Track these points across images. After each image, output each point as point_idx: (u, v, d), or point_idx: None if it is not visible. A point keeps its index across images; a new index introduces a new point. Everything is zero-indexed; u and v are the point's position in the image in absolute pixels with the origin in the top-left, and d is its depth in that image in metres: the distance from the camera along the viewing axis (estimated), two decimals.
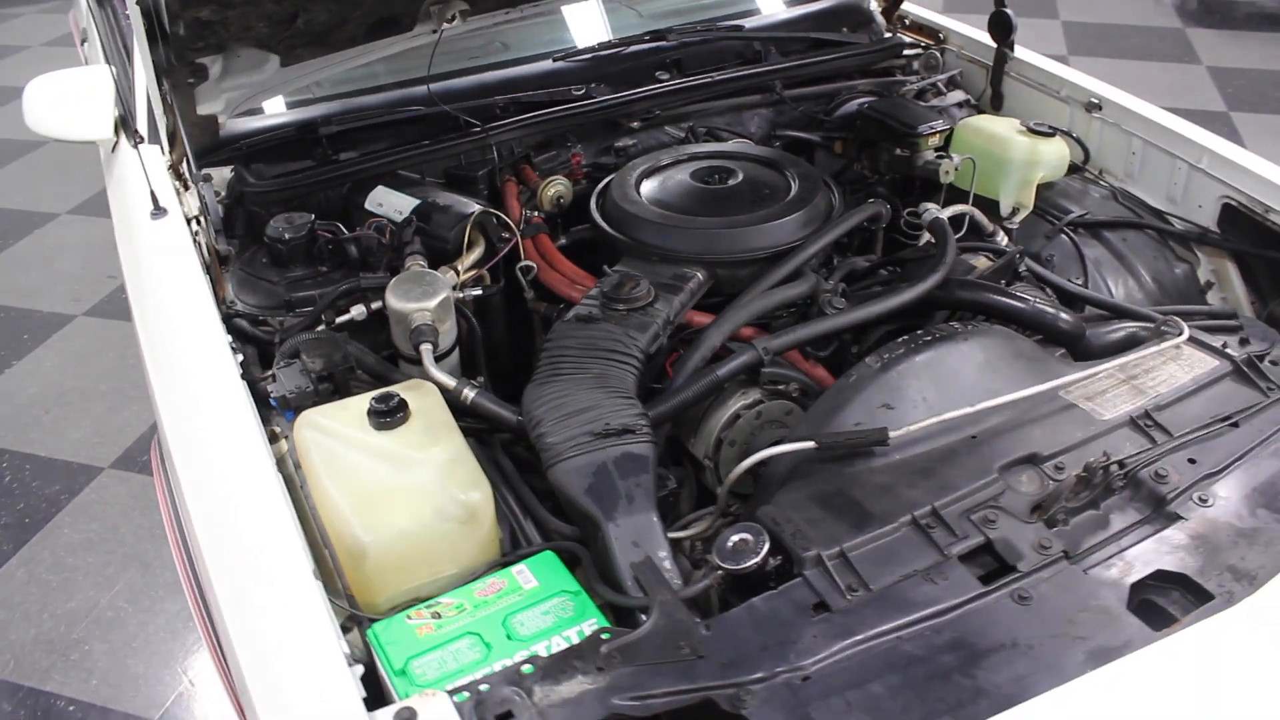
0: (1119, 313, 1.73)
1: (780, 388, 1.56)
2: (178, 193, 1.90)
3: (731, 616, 1.13)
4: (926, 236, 1.93)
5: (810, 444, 1.32)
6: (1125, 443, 1.35)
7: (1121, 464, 1.29)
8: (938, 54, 2.53)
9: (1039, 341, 1.60)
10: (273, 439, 1.54)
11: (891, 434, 1.30)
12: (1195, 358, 1.50)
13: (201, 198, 1.67)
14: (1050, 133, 2.11)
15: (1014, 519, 1.23)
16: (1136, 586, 1.18)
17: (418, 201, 1.85)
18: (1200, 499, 1.27)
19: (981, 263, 1.77)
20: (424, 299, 1.60)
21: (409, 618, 1.24)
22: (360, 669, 1.08)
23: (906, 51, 2.52)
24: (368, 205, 1.89)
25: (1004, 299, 1.63)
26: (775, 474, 1.39)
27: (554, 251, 1.85)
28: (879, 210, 1.88)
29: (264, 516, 1.19)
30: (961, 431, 1.35)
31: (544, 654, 1.13)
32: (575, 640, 1.15)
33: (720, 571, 1.18)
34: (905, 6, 2.62)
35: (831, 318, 1.60)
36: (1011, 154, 2.09)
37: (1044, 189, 2.15)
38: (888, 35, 2.56)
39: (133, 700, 2.31)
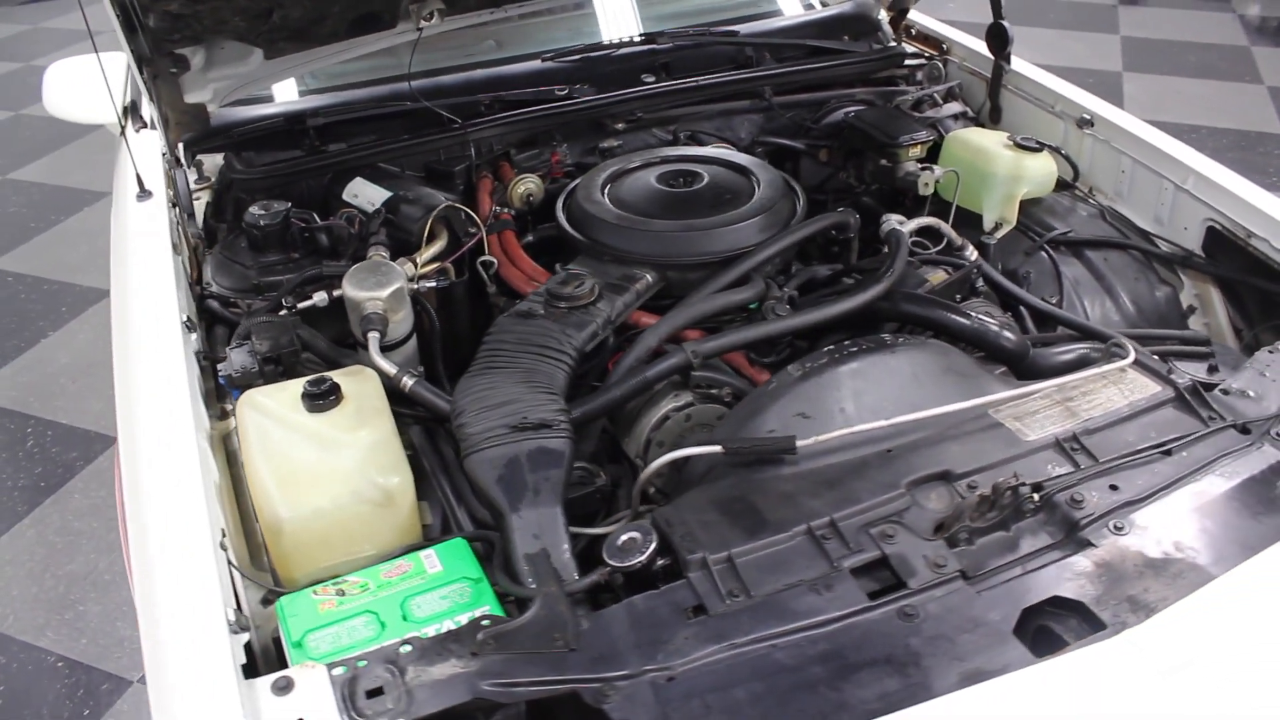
0: (1076, 329, 1.70)
1: (713, 392, 1.57)
2: (172, 178, 1.98)
3: (610, 613, 1.15)
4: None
5: (717, 448, 1.32)
6: (1046, 465, 1.33)
7: (1039, 486, 1.27)
8: (940, 65, 2.50)
9: (981, 359, 1.58)
10: (223, 416, 1.61)
11: (800, 443, 1.30)
12: (1138, 383, 1.47)
13: (174, 183, 1.74)
14: (1037, 148, 2.07)
15: (914, 535, 1.22)
16: (1032, 611, 1.16)
17: (389, 194, 1.90)
18: (1115, 527, 1.24)
19: (938, 277, 1.75)
20: (377, 289, 1.65)
21: (315, 593, 1.28)
22: (245, 637, 1.12)
23: (909, 61, 2.49)
24: (344, 196, 1.95)
25: (946, 314, 1.61)
26: (692, 476, 1.40)
27: (516, 248, 1.88)
28: (844, 219, 1.87)
29: (174, 487, 1.24)
30: (877, 445, 1.34)
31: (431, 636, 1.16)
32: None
33: (607, 568, 1.19)
34: (912, 16, 2.59)
35: (763, 324, 1.60)
36: (995, 168, 2.06)
37: (1030, 205, 2.11)
38: (891, 44, 2.53)
39: (117, 661, 2.41)
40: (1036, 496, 1.26)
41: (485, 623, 1.15)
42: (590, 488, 1.49)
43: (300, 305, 1.72)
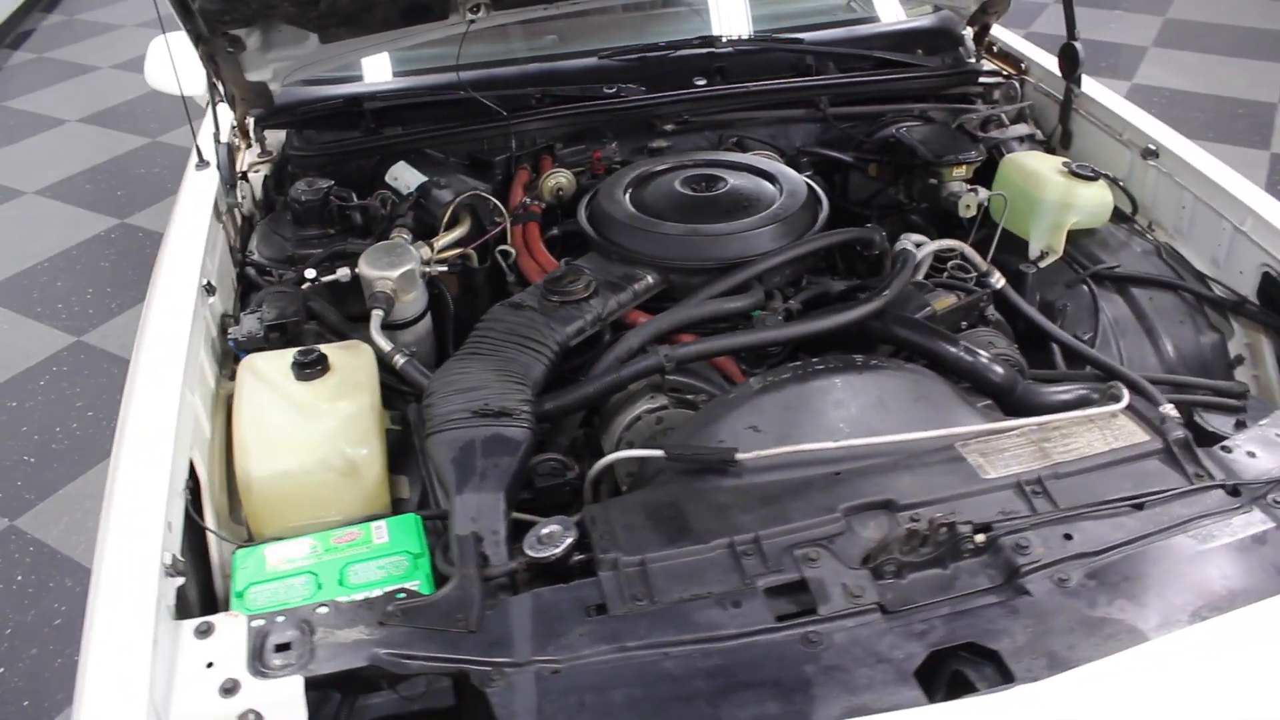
0: (1099, 366, 1.62)
1: (688, 397, 1.57)
2: (236, 150, 2.13)
3: (517, 601, 1.18)
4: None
5: (659, 453, 1.33)
6: (1000, 506, 1.27)
7: (988, 527, 1.22)
8: (1017, 85, 2.39)
9: (968, 390, 1.51)
10: (233, 377, 1.72)
11: (740, 456, 1.29)
12: (1126, 430, 1.38)
13: (218, 156, 1.87)
14: (1093, 176, 1.96)
15: (838, 562, 1.19)
16: (948, 655, 1.12)
17: (425, 179, 1.98)
18: (1059, 579, 1.18)
19: (945, 301, 1.68)
20: (389, 269, 1.73)
21: (267, 549, 1.36)
22: (180, 580, 1.21)
23: (985, 79, 2.40)
24: (386, 178, 2.04)
25: (931, 341, 1.55)
26: (644, 478, 1.41)
27: (536, 240, 1.92)
28: (868, 236, 1.83)
29: (146, 435, 1.34)
30: (829, 466, 1.32)
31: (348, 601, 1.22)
32: None
33: (525, 558, 1.22)
34: (994, 32, 2.48)
35: (742, 333, 1.59)
36: (1045, 194, 1.97)
37: (1082, 236, 2.00)
38: (969, 61, 2.44)
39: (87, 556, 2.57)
40: (979, 537, 1.21)
41: (400, 595, 1.20)
42: (561, 479, 1.52)
43: (325, 279, 1.82)
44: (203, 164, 1.98)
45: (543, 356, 1.55)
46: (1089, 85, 2.21)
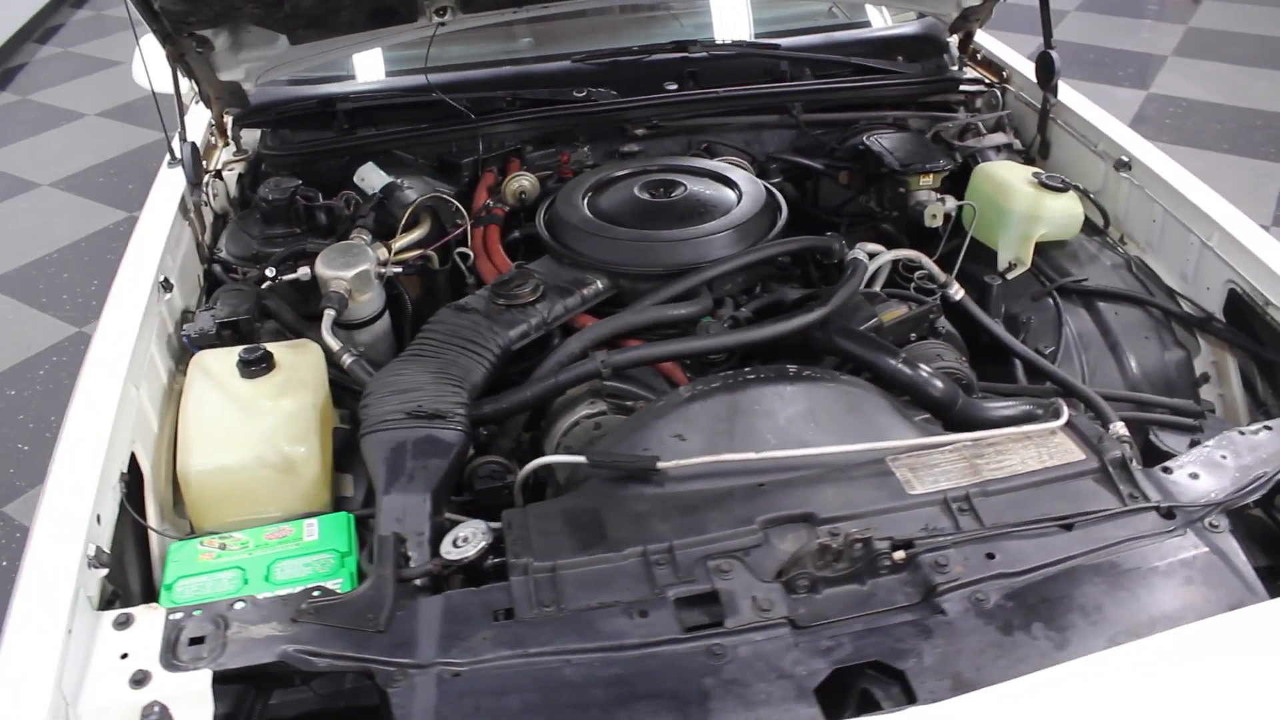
0: (1042, 373, 1.60)
1: (627, 404, 1.56)
2: (214, 148, 2.16)
3: (428, 602, 1.18)
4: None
5: (581, 459, 1.32)
6: (923, 522, 1.25)
7: (909, 544, 1.21)
8: (998, 93, 2.37)
9: (908, 403, 1.50)
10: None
11: (662, 465, 1.29)
12: (1064, 448, 1.36)
13: (182, 154, 1.88)
14: (1062, 188, 1.93)
15: (751, 574, 1.18)
16: (856, 673, 1.11)
17: (390, 180, 1.99)
18: (977, 599, 1.16)
19: (895, 312, 1.66)
20: (344, 269, 1.74)
21: (201, 543, 1.38)
22: (103, 571, 1.23)
23: (966, 87, 2.37)
24: (354, 179, 2.06)
25: (870, 353, 1.54)
26: (573, 482, 1.41)
27: (495, 243, 1.93)
28: (827, 244, 1.81)
29: (85, 426, 1.36)
30: (751, 477, 1.31)
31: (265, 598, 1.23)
32: None
33: (440, 560, 1.22)
34: (979, 40, 2.45)
35: (679, 341, 1.58)
36: (1013, 205, 1.94)
37: (1052, 248, 1.98)
38: (952, 69, 2.41)
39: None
40: (898, 554, 1.20)
41: (316, 593, 1.21)
42: (500, 483, 1.52)
43: (285, 277, 1.83)
44: (175, 161, 2.01)
45: (484, 360, 1.55)
46: (1067, 95, 2.18)
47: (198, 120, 2.21)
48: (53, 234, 4.32)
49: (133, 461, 1.44)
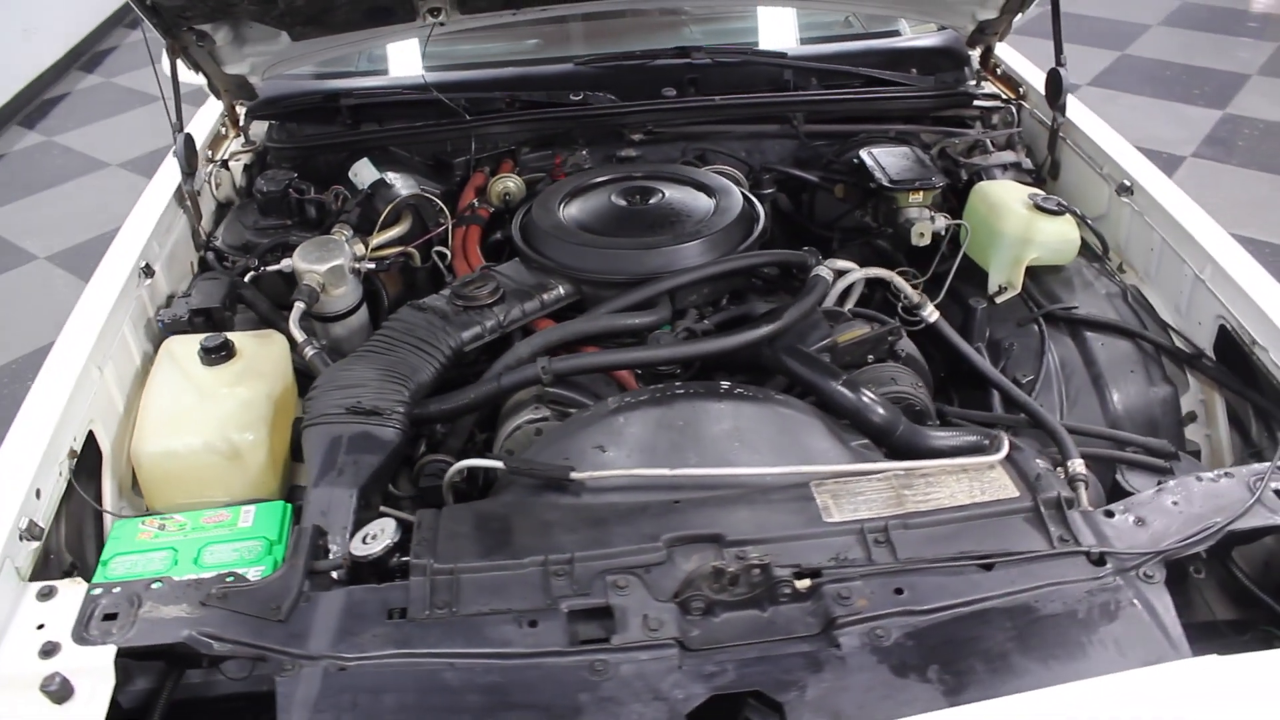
0: (1015, 403, 1.55)
1: (570, 411, 1.56)
2: (223, 138, 2.23)
3: (330, 596, 1.20)
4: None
5: (499, 464, 1.33)
6: (835, 551, 1.22)
7: (815, 573, 1.18)
8: (1014, 110, 2.29)
9: (847, 427, 1.46)
10: None
11: (575, 475, 1.28)
12: (999, 483, 1.31)
13: (177, 147, 1.94)
14: (1058, 211, 1.86)
15: (648, 592, 1.17)
16: (739, 701, 1.09)
17: (379, 177, 2.03)
18: (877, 634, 1.13)
19: (853, 333, 1.62)
20: (317, 263, 1.78)
21: (143, 523, 1.43)
22: (35, 545, 1.28)
23: (980, 103, 2.30)
24: (349, 174, 2.10)
25: (813, 375, 1.50)
26: (501, 486, 1.42)
27: (473, 244, 1.94)
28: (799, 259, 1.78)
29: (40, 403, 1.42)
30: (667, 493, 1.29)
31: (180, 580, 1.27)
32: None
33: (347, 555, 1.24)
34: (999, 53, 2.38)
35: (614, 352, 1.58)
36: (1005, 227, 1.88)
37: (1046, 272, 1.90)
38: (969, 84, 2.34)
39: None
40: (803, 583, 1.17)
41: (230, 579, 1.24)
42: (443, 481, 1.54)
43: (269, 269, 1.88)
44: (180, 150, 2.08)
45: (434, 360, 1.57)
46: (1079, 113, 2.09)
47: (212, 111, 2.29)
48: (113, 211, 4.50)
49: (92, 440, 1.50)
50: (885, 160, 2.01)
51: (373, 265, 1.84)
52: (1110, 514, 1.28)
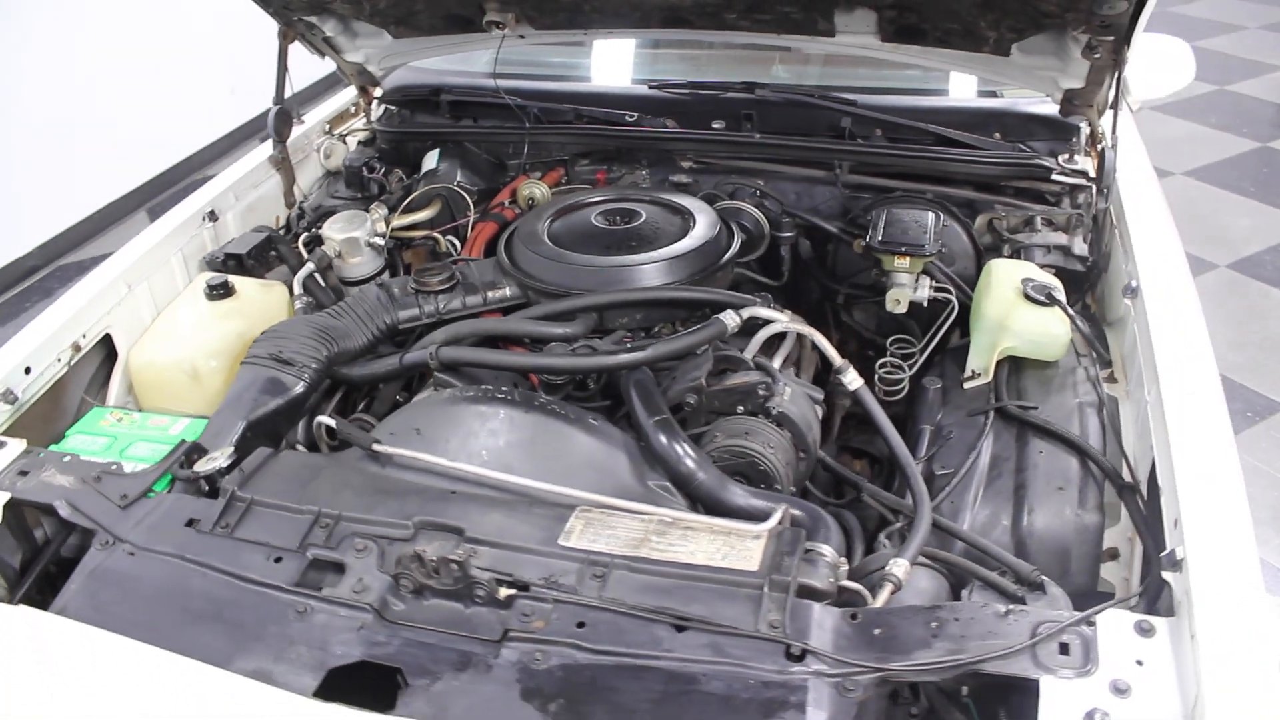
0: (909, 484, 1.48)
1: None
2: (350, 115, 2.61)
3: (163, 498, 1.43)
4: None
5: (331, 422, 1.50)
6: (552, 572, 1.26)
7: (520, 585, 1.24)
8: (1093, 191, 2.05)
9: (654, 464, 1.47)
10: None
11: (376, 448, 1.43)
12: (749, 555, 1.26)
13: (270, 119, 2.29)
14: (1047, 302, 1.69)
15: (378, 560, 1.29)
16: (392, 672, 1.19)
17: (432, 167, 2.28)
18: (535, 656, 1.18)
19: (728, 381, 1.58)
20: (337, 232, 2.06)
21: (111, 412, 1.77)
22: (7, 408, 1.65)
23: (1060, 178, 2.09)
24: (424, 160, 2.37)
25: (640, 410, 1.51)
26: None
27: (480, 239, 2.12)
28: (734, 301, 1.76)
29: (59, 304, 1.81)
30: (452, 483, 1.40)
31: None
32: None
33: (189, 472, 1.48)
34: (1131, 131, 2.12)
35: (497, 352, 1.67)
36: (987, 309, 1.74)
37: (1030, 366, 1.73)
38: (1048, 157, 2.12)
39: None
40: (504, 591, 1.23)
41: (113, 468, 1.52)
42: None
43: (316, 231, 2.19)
44: (298, 123, 2.45)
45: (367, 331, 1.77)
46: (1142, 200, 1.85)
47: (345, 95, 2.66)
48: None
49: (110, 343, 1.87)
50: (891, 220, 1.91)
51: (381, 241, 2.09)
52: (855, 616, 1.20)
